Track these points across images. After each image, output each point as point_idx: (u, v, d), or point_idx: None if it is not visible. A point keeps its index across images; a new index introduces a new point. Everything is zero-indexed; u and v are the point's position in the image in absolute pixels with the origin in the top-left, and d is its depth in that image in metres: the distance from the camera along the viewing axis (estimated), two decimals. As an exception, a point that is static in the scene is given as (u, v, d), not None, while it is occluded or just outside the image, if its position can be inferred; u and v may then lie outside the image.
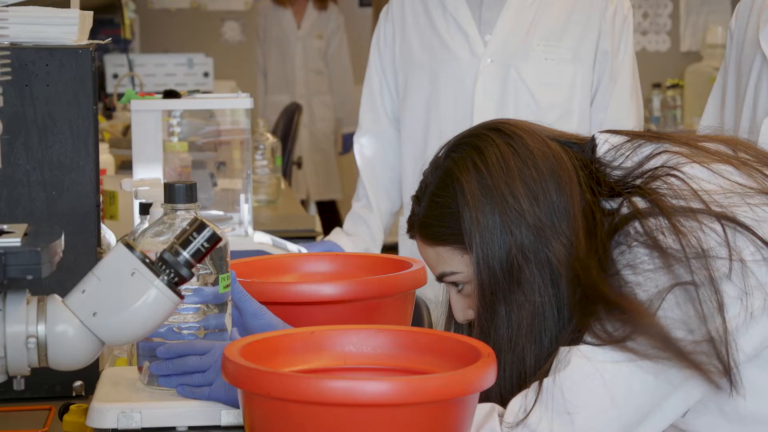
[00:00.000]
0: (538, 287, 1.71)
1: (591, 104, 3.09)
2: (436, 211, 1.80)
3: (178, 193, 1.75)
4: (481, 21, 3.07)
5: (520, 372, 1.73)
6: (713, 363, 1.63)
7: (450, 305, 1.88)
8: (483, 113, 2.98)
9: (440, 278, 1.84)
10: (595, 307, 1.67)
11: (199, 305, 1.79)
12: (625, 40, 3.07)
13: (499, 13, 3.05)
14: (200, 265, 1.58)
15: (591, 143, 1.82)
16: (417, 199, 1.84)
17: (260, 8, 7.42)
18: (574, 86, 3.04)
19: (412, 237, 1.87)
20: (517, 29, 3.04)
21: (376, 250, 3.13)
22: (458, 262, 1.79)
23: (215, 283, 1.78)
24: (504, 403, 1.69)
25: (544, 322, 1.72)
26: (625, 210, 1.72)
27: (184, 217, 1.75)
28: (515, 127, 1.81)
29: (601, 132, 1.85)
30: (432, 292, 2.12)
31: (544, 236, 1.72)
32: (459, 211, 1.76)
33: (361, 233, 3.12)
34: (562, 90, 3.04)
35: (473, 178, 1.76)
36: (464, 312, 1.84)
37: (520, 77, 3.03)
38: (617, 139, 1.82)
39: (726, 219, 1.67)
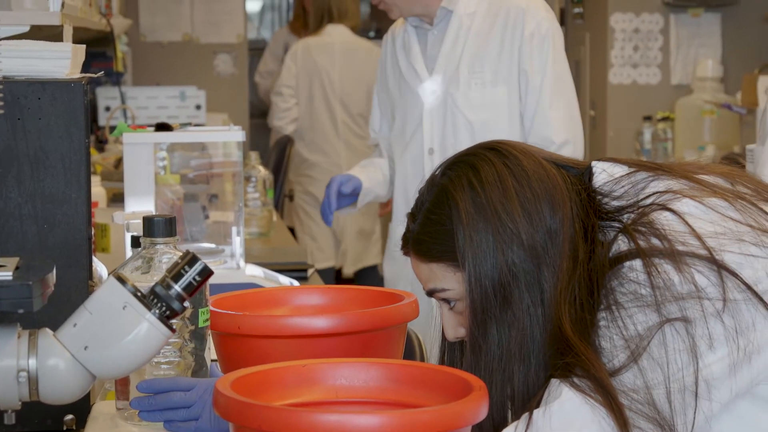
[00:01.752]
0: (526, 307, 1.72)
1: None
2: (431, 228, 1.81)
3: (157, 227, 1.75)
4: (427, 57, 3.51)
5: (509, 391, 1.73)
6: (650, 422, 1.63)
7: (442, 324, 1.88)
8: (430, 138, 3.47)
9: (431, 294, 1.84)
10: (565, 355, 1.68)
11: (177, 338, 1.79)
12: (544, 58, 3.39)
13: (440, 49, 3.47)
14: None
15: (588, 170, 1.83)
16: (412, 215, 1.85)
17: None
18: (501, 106, 3.42)
19: (406, 253, 1.87)
20: (452, 60, 3.45)
21: (384, 185, 3.63)
22: (451, 279, 1.80)
23: (194, 317, 1.78)
24: (493, 424, 1.70)
25: (532, 342, 1.72)
26: (620, 243, 1.72)
27: (163, 251, 1.75)
28: (512, 147, 1.82)
29: (599, 160, 1.86)
30: (424, 324, 2.12)
31: (536, 257, 1.73)
32: (453, 228, 1.77)
33: (373, 167, 3.64)
34: (491, 110, 3.42)
35: (468, 196, 1.77)
36: (455, 329, 1.84)
37: (454, 103, 3.44)
38: (616, 170, 1.82)
39: (711, 261, 1.67)
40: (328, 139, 6.80)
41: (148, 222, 1.75)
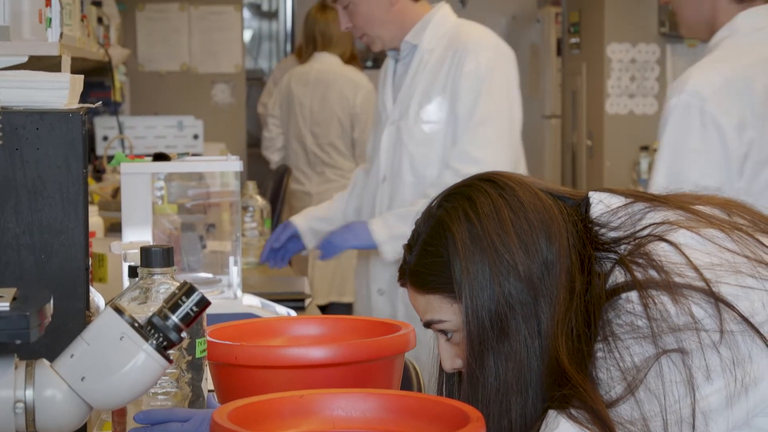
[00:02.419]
0: (523, 338, 1.72)
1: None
2: (427, 259, 1.81)
3: (154, 257, 1.75)
4: (394, 89, 3.65)
5: (506, 422, 1.73)
6: None
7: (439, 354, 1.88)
8: (385, 166, 3.63)
9: (428, 325, 1.84)
10: (562, 387, 1.68)
11: (174, 369, 1.79)
12: (474, 97, 3.47)
13: (403, 82, 3.60)
14: None
15: (585, 201, 1.83)
16: (409, 247, 1.85)
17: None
18: (437, 142, 3.52)
19: (403, 285, 1.88)
20: (408, 94, 3.57)
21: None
22: (447, 311, 1.80)
23: (191, 347, 1.78)
24: None
25: (529, 373, 1.72)
26: (616, 275, 1.73)
27: (161, 281, 1.75)
28: (508, 178, 1.82)
29: (596, 191, 1.86)
30: (422, 354, 2.12)
31: (532, 288, 1.73)
32: (450, 260, 1.77)
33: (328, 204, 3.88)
34: (428, 145, 3.53)
35: (464, 228, 1.77)
36: (452, 360, 1.84)
37: (400, 135, 3.58)
38: (613, 201, 1.83)
39: (708, 293, 1.67)
40: (300, 168, 6.82)
41: (146, 252, 1.75)
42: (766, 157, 2.83)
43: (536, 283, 1.73)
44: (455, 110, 3.50)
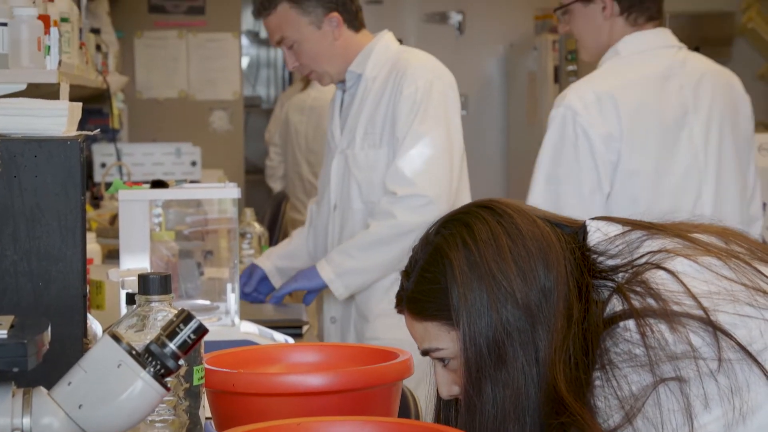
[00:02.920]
0: (521, 366, 1.72)
1: None
2: (425, 286, 1.81)
3: (152, 284, 1.75)
4: (341, 119, 3.72)
5: None
6: None
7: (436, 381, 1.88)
8: (335, 194, 3.69)
9: (426, 353, 1.84)
10: (560, 415, 1.67)
11: (171, 396, 1.78)
12: (411, 119, 3.51)
13: (349, 111, 3.68)
14: None
15: (583, 229, 1.83)
16: (406, 274, 1.85)
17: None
18: (382, 167, 3.56)
19: (400, 311, 1.87)
20: (353, 123, 3.64)
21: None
22: (445, 338, 1.80)
23: (188, 375, 1.78)
24: None
25: (527, 401, 1.72)
26: (614, 303, 1.73)
27: (158, 308, 1.75)
28: (505, 205, 1.82)
29: (594, 219, 1.86)
30: (419, 381, 2.12)
31: (530, 315, 1.73)
32: (447, 287, 1.77)
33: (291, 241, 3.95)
34: (374, 171, 3.58)
35: (462, 254, 1.77)
36: (449, 387, 1.84)
37: (347, 163, 3.64)
38: (610, 229, 1.83)
39: (706, 321, 1.67)
40: (297, 196, 6.82)
41: (143, 279, 1.75)
42: (635, 167, 3.15)
43: (534, 310, 1.73)
44: (395, 134, 3.55)
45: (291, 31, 3.63)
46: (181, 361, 1.50)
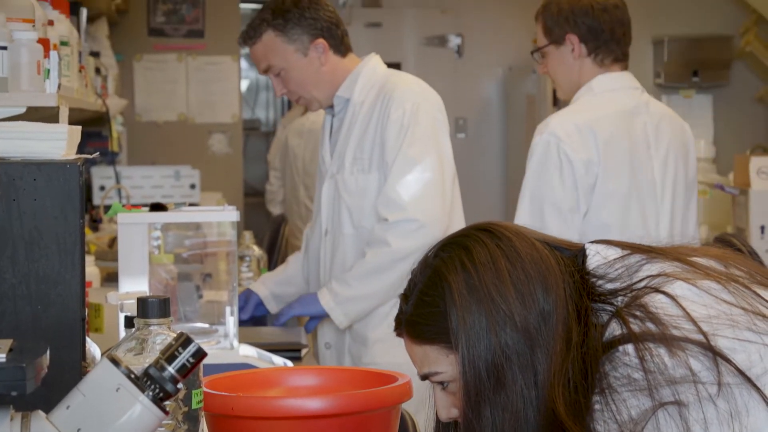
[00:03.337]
0: (520, 389, 1.72)
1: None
2: (424, 309, 1.81)
3: (151, 307, 1.75)
4: (331, 143, 3.73)
5: None
6: None
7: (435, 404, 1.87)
8: (326, 220, 3.70)
9: (425, 378, 1.84)
10: None
11: (170, 420, 1.78)
12: (399, 142, 3.52)
13: (338, 136, 3.68)
14: None
15: (582, 252, 1.83)
16: (405, 297, 1.85)
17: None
18: (372, 191, 3.57)
19: (399, 335, 1.87)
20: (342, 147, 3.64)
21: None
22: (444, 362, 1.79)
23: (187, 398, 1.77)
24: None
25: (526, 424, 1.72)
26: (613, 327, 1.72)
27: (157, 332, 1.75)
28: (504, 228, 1.82)
29: (593, 242, 1.86)
30: (418, 404, 2.12)
31: (529, 338, 1.73)
32: (446, 310, 1.77)
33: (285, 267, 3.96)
34: (364, 196, 3.59)
35: (461, 278, 1.77)
36: (448, 410, 1.84)
37: (338, 188, 3.65)
38: (610, 252, 1.83)
39: (705, 346, 1.67)
40: (294, 222, 6.82)
41: (142, 303, 1.75)
42: (610, 190, 3.53)
43: (533, 333, 1.73)
44: (384, 158, 3.55)
45: (277, 59, 3.64)
46: (180, 385, 1.50)
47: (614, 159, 3.57)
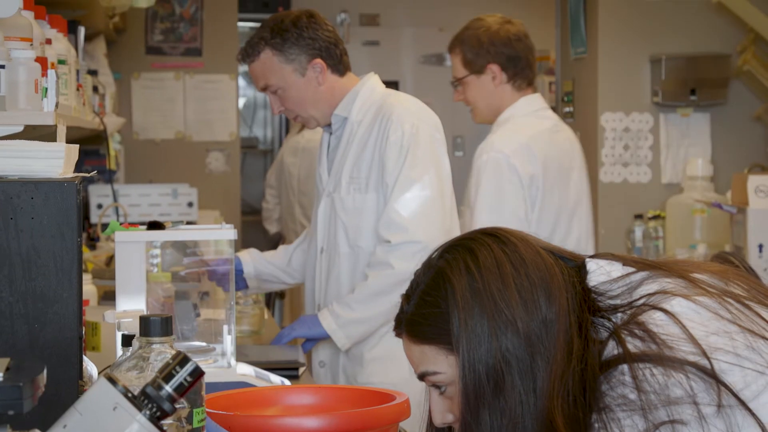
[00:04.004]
0: (518, 395, 1.72)
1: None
2: (425, 309, 1.80)
3: (153, 326, 1.75)
4: (329, 162, 3.74)
5: None
6: None
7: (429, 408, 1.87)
8: (321, 237, 3.71)
9: (422, 377, 1.83)
10: None
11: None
12: (399, 164, 3.53)
13: (335, 154, 3.70)
14: None
15: (584, 265, 1.83)
16: (407, 297, 1.85)
17: None
18: (370, 211, 3.58)
19: (398, 335, 1.87)
20: (339, 166, 3.66)
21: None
22: (443, 363, 1.79)
23: (189, 417, 1.77)
24: None
25: (524, 431, 1.71)
26: (611, 346, 1.72)
27: (159, 350, 1.74)
28: (510, 234, 1.82)
29: (595, 257, 1.86)
30: (416, 423, 2.11)
31: (530, 345, 1.72)
32: (448, 311, 1.77)
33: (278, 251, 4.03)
34: (362, 215, 3.59)
35: (465, 280, 1.77)
36: (443, 415, 1.83)
37: (334, 206, 3.66)
38: (612, 268, 1.82)
39: (701, 366, 1.67)
40: (291, 240, 6.81)
41: (145, 321, 1.75)
42: (547, 204, 3.91)
43: (534, 340, 1.73)
44: (384, 180, 3.56)
45: (274, 78, 3.64)
46: (178, 404, 1.50)
47: (550, 174, 3.95)
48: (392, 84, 4.02)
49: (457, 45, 4.14)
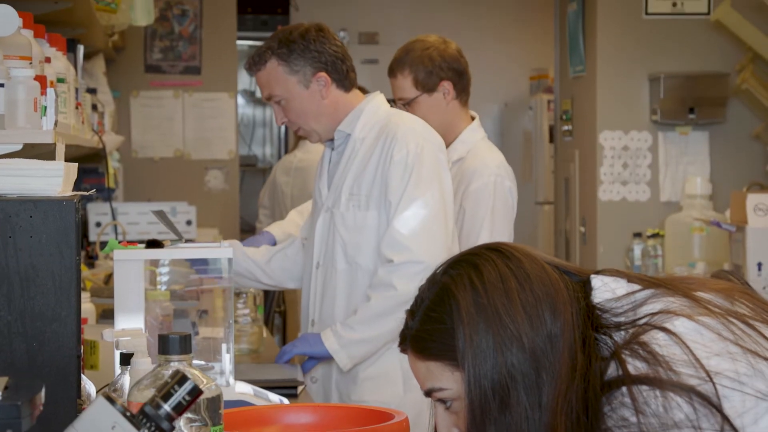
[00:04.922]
0: (524, 410, 1.71)
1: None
2: (430, 325, 1.80)
3: (172, 344, 1.74)
4: (329, 177, 3.74)
5: None
6: None
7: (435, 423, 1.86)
8: (318, 252, 3.70)
9: (428, 393, 1.83)
10: None
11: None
12: (404, 183, 3.54)
13: (336, 170, 3.70)
14: (194, 415, 1.58)
15: (588, 281, 1.83)
16: (411, 312, 1.84)
17: None
18: (371, 229, 3.58)
19: (403, 351, 1.86)
20: (340, 182, 3.66)
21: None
22: (448, 379, 1.78)
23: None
24: None
25: None
26: (613, 368, 1.72)
27: (177, 368, 1.74)
28: (515, 249, 1.82)
29: (600, 273, 1.86)
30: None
31: (535, 360, 1.72)
32: (453, 327, 1.76)
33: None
34: (362, 232, 3.59)
35: (469, 295, 1.76)
36: (449, 430, 1.83)
37: (334, 222, 3.65)
38: (617, 286, 1.82)
39: (700, 391, 1.66)
40: None
41: (163, 339, 1.74)
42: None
43: (539, 355, 1.73)
44: (387, 198, 3.56)
45: (279, 88, 3.65)
46: (178, 422, 1.50)
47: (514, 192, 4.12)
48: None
49: (405, 66, 4.18)
